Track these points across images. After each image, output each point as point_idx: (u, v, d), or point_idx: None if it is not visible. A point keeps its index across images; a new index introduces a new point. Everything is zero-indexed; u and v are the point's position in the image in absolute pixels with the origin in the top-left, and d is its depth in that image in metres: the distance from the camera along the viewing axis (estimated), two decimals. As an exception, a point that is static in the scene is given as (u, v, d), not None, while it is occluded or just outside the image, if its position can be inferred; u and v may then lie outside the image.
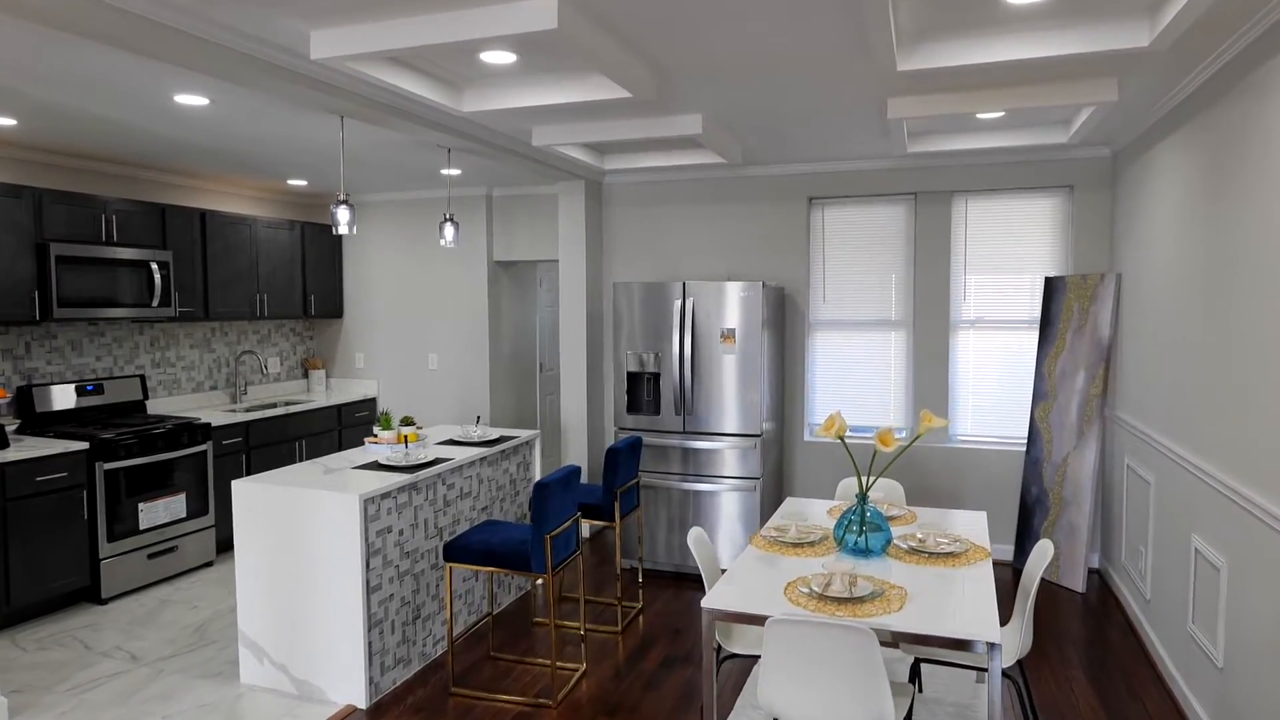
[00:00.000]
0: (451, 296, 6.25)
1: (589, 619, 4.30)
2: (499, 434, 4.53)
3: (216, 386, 5.92)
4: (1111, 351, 4.61)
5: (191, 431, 4.93)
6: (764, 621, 2.35)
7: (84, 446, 4.34)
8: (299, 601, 3.41)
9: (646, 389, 4.96)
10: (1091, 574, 4.84)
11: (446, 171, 5.34)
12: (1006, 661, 2.73)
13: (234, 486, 3.48)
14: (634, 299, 4.94)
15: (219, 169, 5.30)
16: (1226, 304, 2.89)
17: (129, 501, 4.57)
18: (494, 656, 3.83)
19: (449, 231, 4.50)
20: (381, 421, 4.13)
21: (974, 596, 2.53)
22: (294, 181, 5.80)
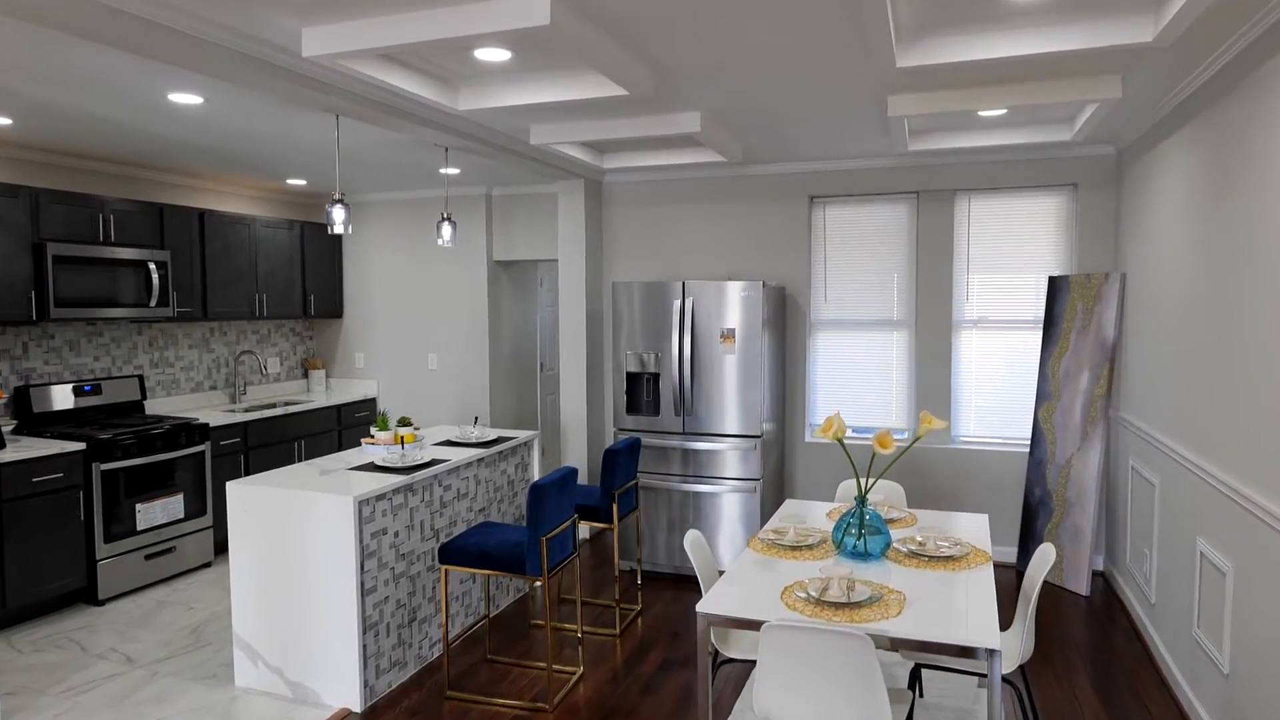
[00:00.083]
0: (451, 296, 6.22)
1: (588, 621, 4.26)
2: (497, 435, 4.50)
3: (216, 387, 5.90)
4: (1116, 352, 4.56)
5: (189, 432, 4.91)
6: (760, 627, 2.31)
7: (80, 447, 4.32)
8: (293, 604, 3.38)
9: (646, 389, 4.92)
10: (1095, 576, 4.78)
11: (445, 171, 5.31)
12: (1008, 667, 2.69)
13: (229, 488, 3.45)
14: (634, 298, 4.90)
15: (217, 168, 5.28)
16: (1232, 304, 2.85)
17: (126, 502, 4.55)
18: (491, 659, 3.80)
19: (446, 231, 4.48)
20: (378, 422, 4.10)
21: (974, 601, 2.49)
22: (293, 181, 5.78)
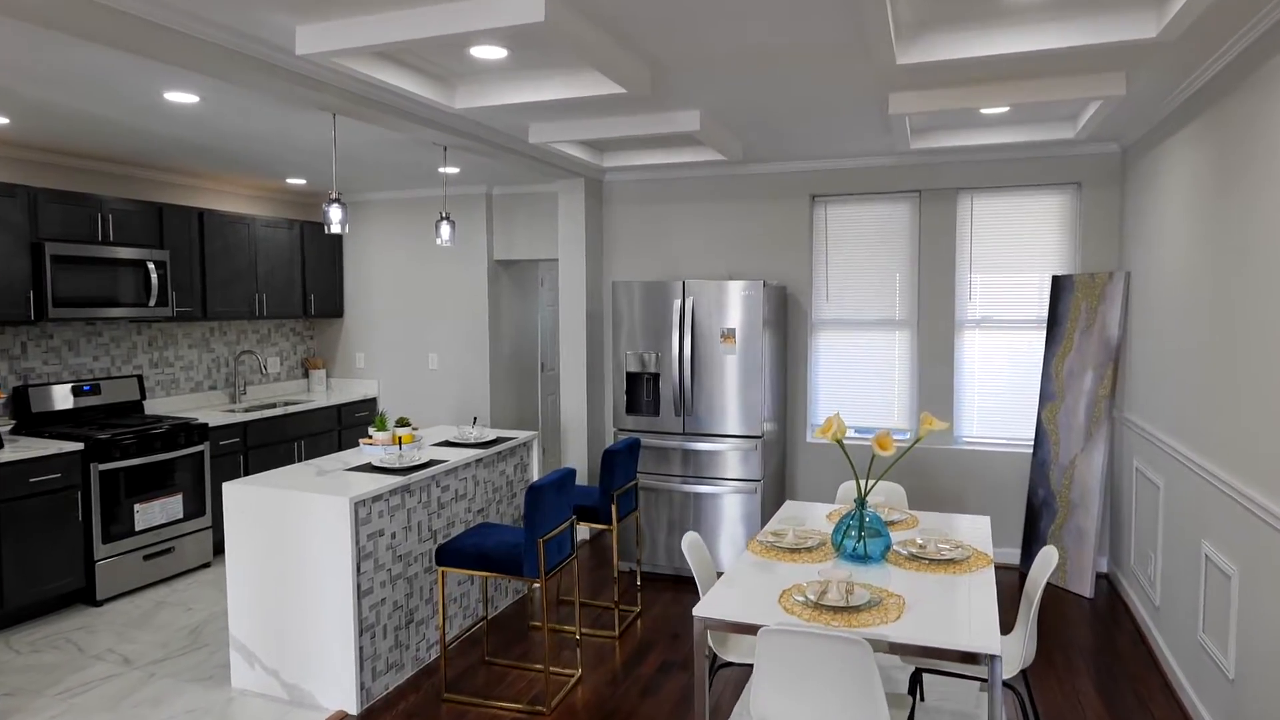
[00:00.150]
0: (452, 296, 6.20)
1: (587, 623, 4.24)
2: (495, 435, 4.47)
3: (215, 386, 5.89)
4: (1120, 351, 4.51)
5: (188, 432, 4.90)
6: (757, 631, 2.28)
7: (79, 447, 4.31)
8: (290, 605, 3.36)
9: (646, 389, 4.89)
10: (1100, 578, 4.74)
11: (444, 170, 5.28)
12: (1010, 672, 2.66)
13: (224, 488, 3.43)
14: (634, 298, 4.87)
15: (216, 168, 5.27)
16: (1237, 304, 2.80)
17: (125, 502, 4.53)
18: (489, 661, 3.77)
19: (445, 230, 4.45)
20: (376, 423, 4.08)
21: (974, 606, 2.45)
22: (293, 180, 5.76)
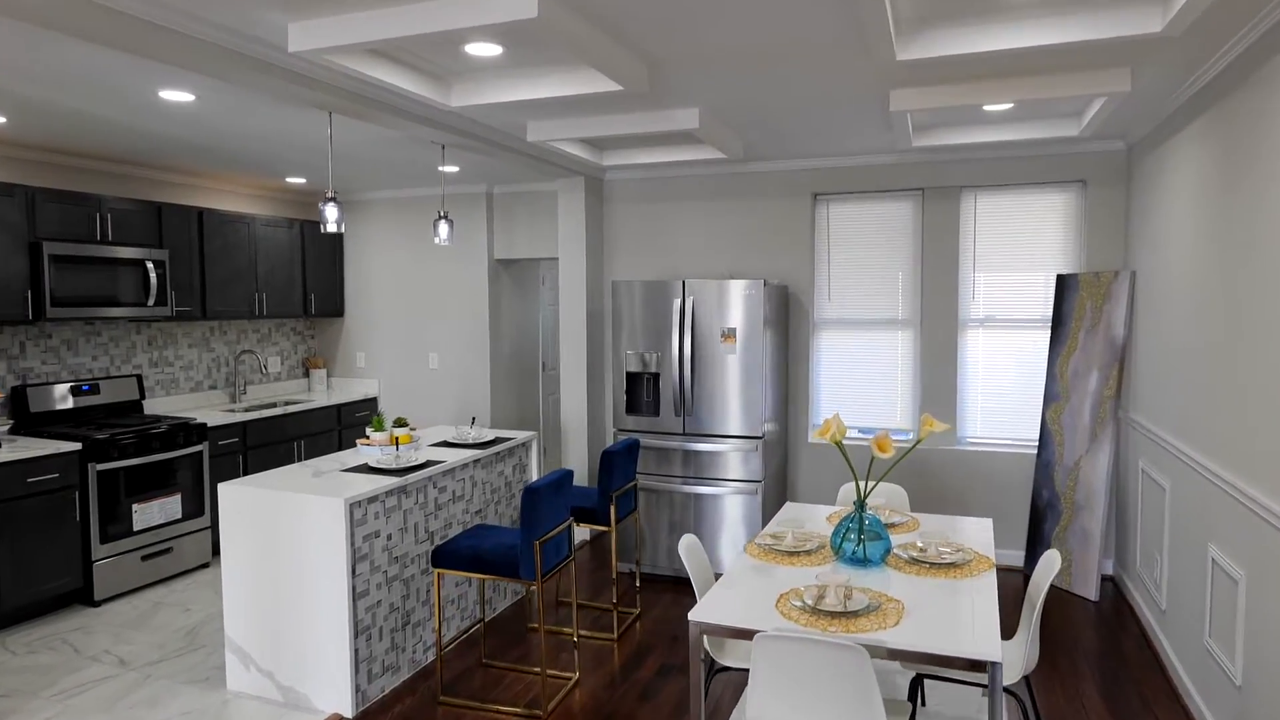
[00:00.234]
0: (452, 295, 6.17)
1: (586, 625, 4.20)
2: (494, 435, 4.44)
3: (216, 386, 5.88)
4: (1126, 351, 4.46)
5: (187, 432, 4.88)
6: (753, 636, 2.24)
7: (76, 447, 4.30)
8: (285, 607, 3.33)
9: (646, 390, 4.86)
10: (1105, 581, 4.69)
11: (443, 169, 5.25)
12: (1012, 678, 2.61)
13: (220, 489, 3.41)
14: (634, 298, 4.83)
15: (215, 167, 5.25)
16: (1245, 303, 2.75)
17: (123, 502, 4.52)
18: (486, 664, 3.75)
19: (443, 229, 4.42)
20: (374, 423, 4.06)
21: (975, 611, 2.41)
22: (292, 179, 5.74)
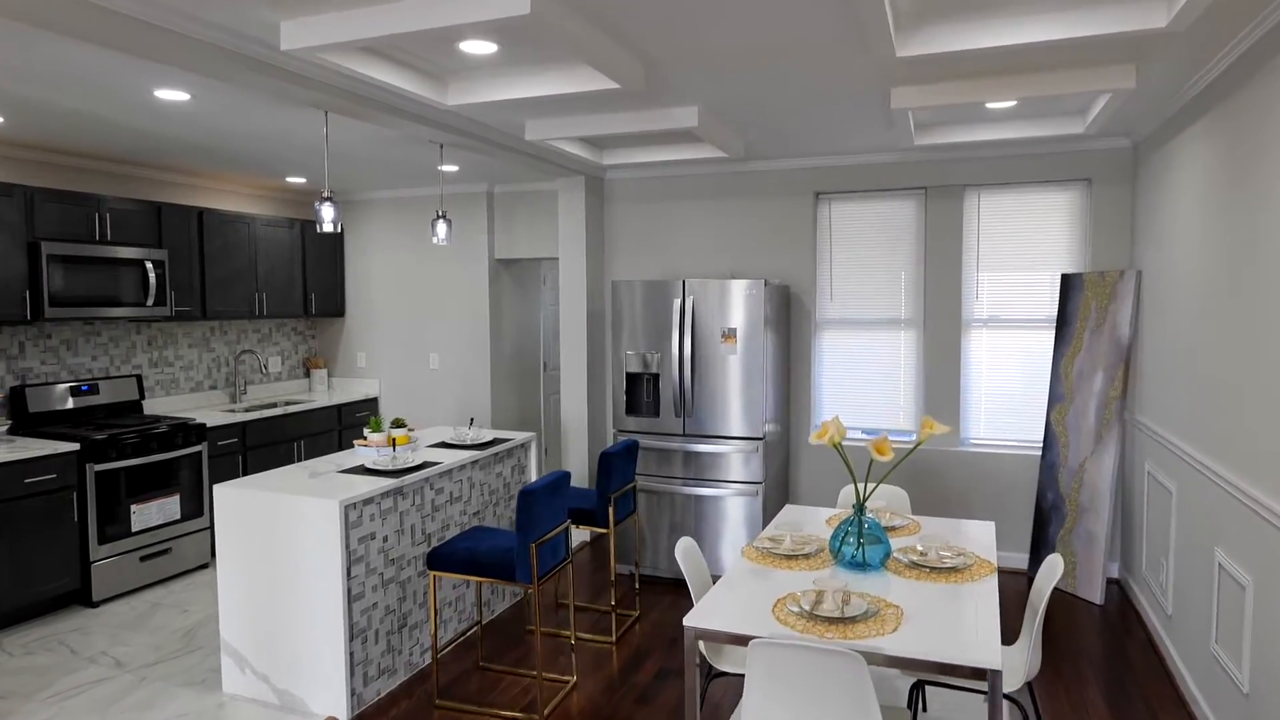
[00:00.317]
0: (453, 295, 6.14)
1: (585, 627, 4.17)
2: (492, 436, 4.41)
3: (216, 386, 5.87)
4: (1131, 352, 4.40)
5: (186, 432, 4.87)
6: (748, 642, 2.21)
7: (74, 448, 4.28)
8: (280, 609, 3.31)
9: (646, 390, 4.82)
10: (1110, 584, 4.63)
11: (442, 168, 5.23)
12: (1013, 685, 2.57)
13: (215, 490, 3.39)
14: (635, 297, 4.80)
15: (215, 166, 5.23)
16: (1252, 303, 2.70)
17: (121, 503, 4.50)
18: (484, 666, 3.72)
19: (441, 229, 4.40)
20: (371, 424, 4.03)
21: (976, 617, 2.37)
22: (292, 179, 5.72)
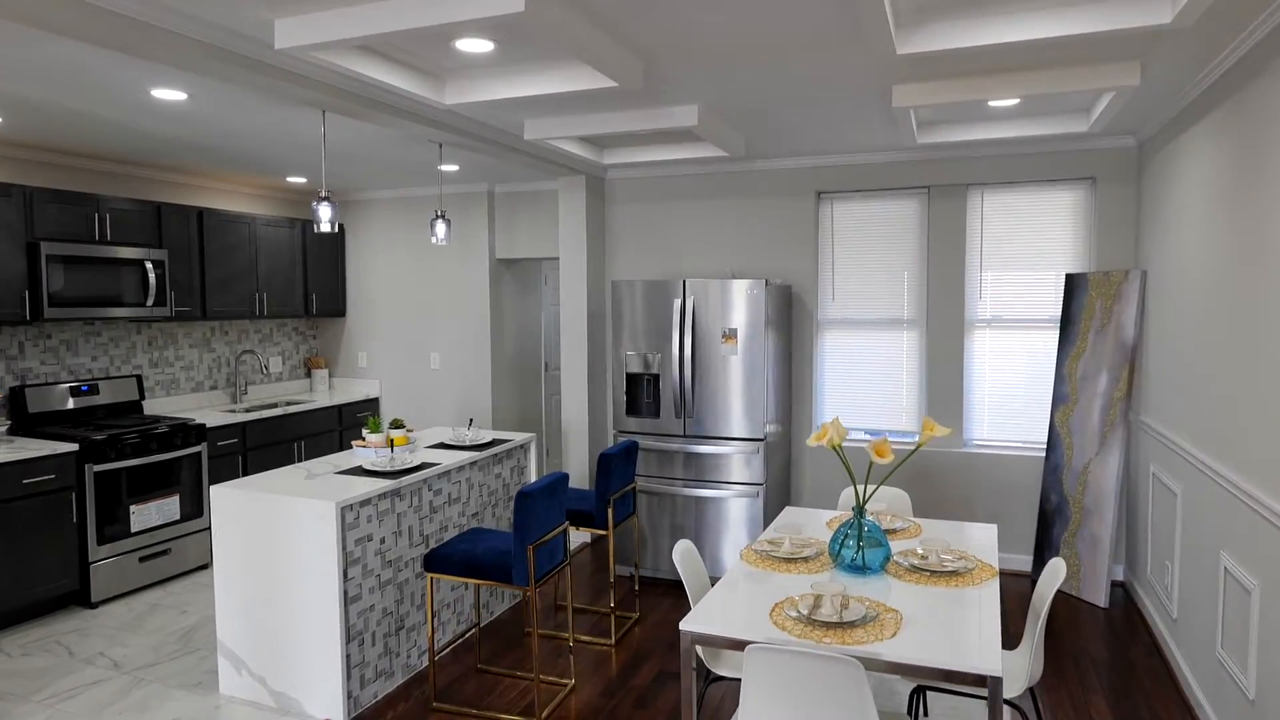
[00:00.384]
0: (454, 295, 6.12)
1: (584, 629, 4.14)
2: (491, 437, 4.39)
3: (216, 386, 5.86)
4: (1136, 353, 4.36)
5: (185, 432, 4.85)
6: (744, 647, 2.18)
7: (73, 448, 4.27)
8: (277, 611, 3.29)
9: (647, 391, 4.79)
10: (1115, 587, 4.58)
11: (442, 167, 5.21)
12: (1015, 691, 2.53)
13: (211, 491, 3.38)
14: (635, 297, 4.77)
15: (214, 166, 5.22)
16: (1259, 303, 2.66)
17: (121, 503, 4.49)
18: (482, 669, 3.69)
19: (440, 229, 4.38)
20: (369, 424, 4.01)
21: (977, 622, 2.33)
22: (293, 179, 5.71)
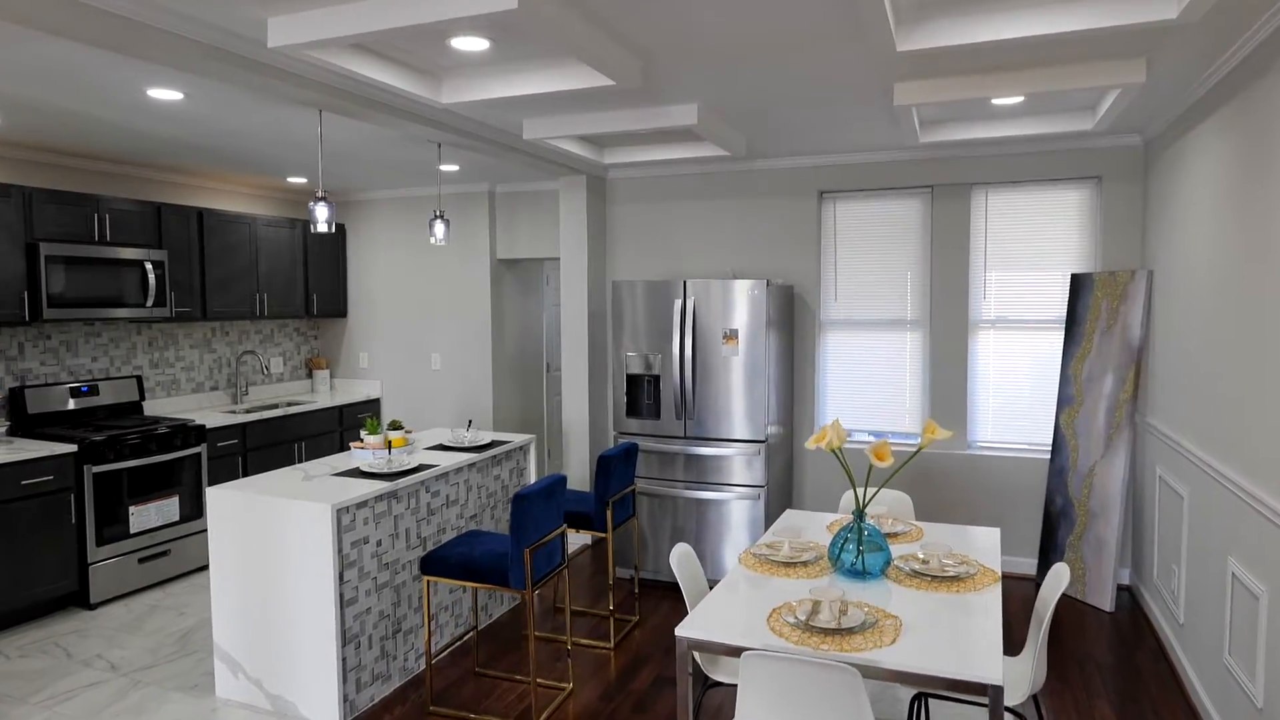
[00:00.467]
0: (454, 295, 6.10)
1: (583, 632, 4.11)
2: (490, 439, 4.36)
3: (217, 387, 5.85)
4: (1142, 353, 4.31)
5: (185, 433, 4.84)
6: (740, 654, 2.14)
7: (72, 449, 4.26)
8: (273, 614, 3.27)
9: (647, 392, 4.76)
10: (1121, 591, 4.53)
11: (441, 167, 5.19)
12: (1017, 698, 2.49)
13: (208, 493, 3.36)
14: (636, 298, 4.74)
15: (214, 166, 5.21)
16: (1268, 303, 2.61)
17: (120, 505, 4.48)
18: (479, 672, 3.67)
19: (439, 229, 4.35)
20: (367, 426, 3.99)
21: (978, 628, 2.29)
22: (293, 179, 5.70)
